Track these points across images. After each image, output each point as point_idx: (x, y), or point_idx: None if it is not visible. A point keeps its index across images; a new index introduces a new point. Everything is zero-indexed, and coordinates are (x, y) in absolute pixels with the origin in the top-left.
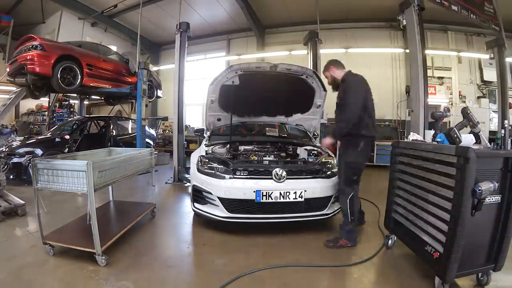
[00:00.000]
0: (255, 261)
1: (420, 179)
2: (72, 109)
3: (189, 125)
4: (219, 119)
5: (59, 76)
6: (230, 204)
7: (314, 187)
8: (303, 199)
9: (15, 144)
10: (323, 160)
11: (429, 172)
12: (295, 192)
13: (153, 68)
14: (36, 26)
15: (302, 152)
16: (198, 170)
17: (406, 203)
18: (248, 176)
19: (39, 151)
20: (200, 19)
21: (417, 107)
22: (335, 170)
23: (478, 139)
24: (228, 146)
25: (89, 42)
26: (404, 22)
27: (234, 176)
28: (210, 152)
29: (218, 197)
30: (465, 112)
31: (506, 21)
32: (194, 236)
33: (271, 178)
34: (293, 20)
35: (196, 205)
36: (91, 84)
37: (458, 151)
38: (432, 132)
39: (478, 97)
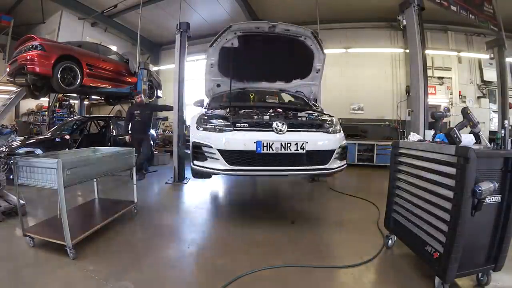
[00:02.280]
0: (255, 261)
1: (420, 179)
2: (72, 109)
3: (189, 125)
4: (218, 85)
5: (59, 76)
6: (230, 156)
7: (316, 140)
8: (304, 151)
9: (15, 144)
10: (324, 118)
11: (429, 172)
12: (296, 144)
13: (153, 68)
14: (36, 26)
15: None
16: (198, 127)
17: (406, 203)
18: (248, 129)
19: (39, 151)
20: (200, 19)
21: (417, 107)
22: (337, 127)
23: (478, 139)
24: (228, 109)
25: (89, 42)
26: (404, 22)
27: (235, 128)
28: (210, 113)
29: (218, 150)
30: (465, 112)
31: (505, 21)
32: (194, 236)
33: (272, 131)
34: (293, 20)
35: (195, 162)
36: (91, 84)
37: (458, 151)
38: (432, 132)
39: (478, 97)
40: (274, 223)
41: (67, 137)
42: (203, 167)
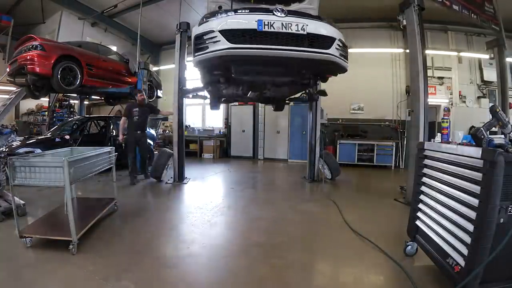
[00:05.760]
0: (255, 261)
1: (445, 184)
2: (72, 109)
3: (189, 125)
4: (220, 7)
5: (59, 76)
6: (232, 35)
7: (316, 24)
8: (305, 32)
9: (15, 144)
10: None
11: (454, 177)
12: (297, 25)
13: (153, 68)
14: (36, 26)
15: None
16: (200, 24)
17: (430, 210)
18: (249, 13)
19: (39, 151)
20: (200, 19)
21: (417, 107)
22: (336, 27)
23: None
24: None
25: (89, 42)
26: (404, 22)
27: (236, 13)
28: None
29: (219, 31)
30: (493, 110)
31: (506, 21)
32: (194, 236)
33: (273, 15)
34: None
35: (196, 54)
36: (91, 84)
37: (484, 154)
38: (462, 133)
39: (478, 97)
40: (274, 223)
41: (67, 137)
42: (204, 53)
